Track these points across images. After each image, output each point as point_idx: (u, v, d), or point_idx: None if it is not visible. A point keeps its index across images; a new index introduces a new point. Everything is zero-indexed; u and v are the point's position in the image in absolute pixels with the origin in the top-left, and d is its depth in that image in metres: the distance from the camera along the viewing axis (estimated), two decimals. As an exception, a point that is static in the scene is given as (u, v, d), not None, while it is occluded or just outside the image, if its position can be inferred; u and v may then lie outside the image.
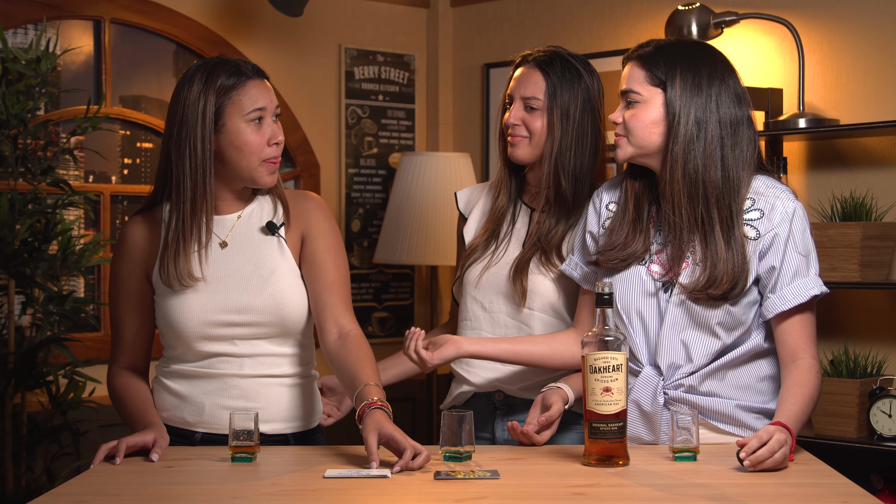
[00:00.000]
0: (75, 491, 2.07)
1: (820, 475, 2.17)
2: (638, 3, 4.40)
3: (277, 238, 2.50)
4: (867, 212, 3.67)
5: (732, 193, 2.36)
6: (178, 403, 2.48)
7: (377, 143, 4.81)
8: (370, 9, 4.80)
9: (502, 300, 2.70)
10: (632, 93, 2.42)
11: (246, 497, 2.01)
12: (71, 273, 3.63)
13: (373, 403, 2.26)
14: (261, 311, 2.45)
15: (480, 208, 2.82)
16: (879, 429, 3.51)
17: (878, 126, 3.62)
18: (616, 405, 2.20)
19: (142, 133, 4.31)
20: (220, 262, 2.47)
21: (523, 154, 2.68)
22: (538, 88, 2.67)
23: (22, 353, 3.52)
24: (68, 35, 4.08)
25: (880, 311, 3.81)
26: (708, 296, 2.34)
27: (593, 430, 2.21)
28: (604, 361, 2.19)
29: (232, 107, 2.41)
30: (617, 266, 2.44)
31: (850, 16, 3.88)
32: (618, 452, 2.21)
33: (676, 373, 2.40)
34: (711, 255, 2.35)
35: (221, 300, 2.44)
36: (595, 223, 2.53)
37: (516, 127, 2.68)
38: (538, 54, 2.70)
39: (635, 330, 2.43)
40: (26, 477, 3.56)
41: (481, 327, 2.71)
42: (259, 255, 2.48)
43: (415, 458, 2.17)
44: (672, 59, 2.40)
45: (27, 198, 3.54)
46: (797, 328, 2.36)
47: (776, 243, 2.35)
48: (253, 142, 2.42)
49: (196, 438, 2.47)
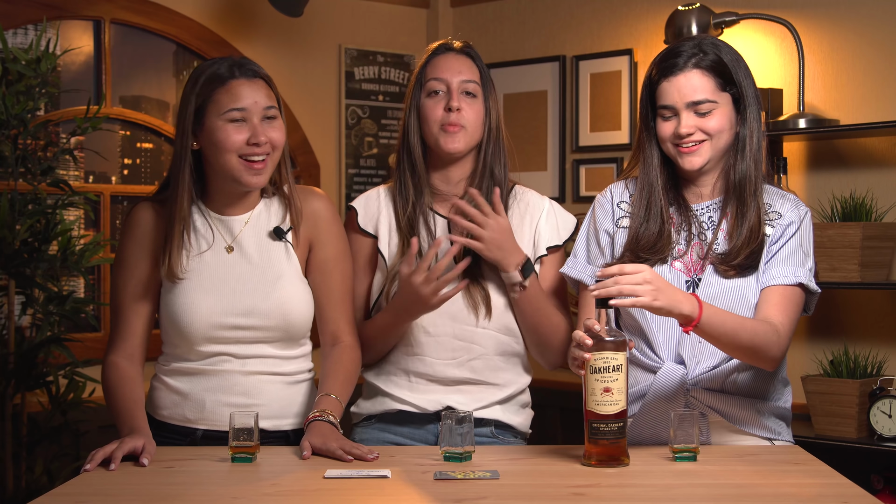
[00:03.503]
0: (75, 491, 2.07)
1: (820, 475, 2.17)
2: (638, 3, 4.40)
3: (285, 243, 2.51)
4: (867, 212, 3.67)
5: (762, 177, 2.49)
6: (179, 401, 2.48)
7: (377, 143, 4.81)
8: (370, 9, 4.80)
9: (449, 322, 2.58)
10: (707, 102, 2.41)
11: (246, 497, 2.01)
12: (71, 273, 3.63)
13: (317, 416, 2.38)
14: (266, 316, 2.46)
15: (386, 222, 2.65)
16: (879, 429, 3.51)
17: (878, 126, 3.62)
18: (616, 405, 2.19)
19: (142, 133, 4.31)
20: (226, 267, 2.47)
21: (462, 144, 2.59)
22: (473, 73, 2.62)
23: (22, 353, 3.52)
24: (68, 35, 4.08)
25: (880, 311, 3.81)
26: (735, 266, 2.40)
27: (593, 431, 2.20)
28: (604, 362, 2.17)
29: (211, 105, 2.41)
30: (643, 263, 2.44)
31: (850, 16, 3.88)
32: (618, 453, 2.20)
33: (698, 367, 2.41)
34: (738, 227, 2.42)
35: (228, 303, 2.44)
36: (609, 221, 2.52)
37: (460, 114, 2.58)
38: (461, 42, 2.66)
39: (658, 325, 2.43)
40: (26, 477, 3.56)
41: (425, 353, 2.59)
42: (266, 260, 2.49)
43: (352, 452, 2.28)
44: (730, 60, 2.43)
45: (27, 198, 3.54)
46: (777, 299, 2.39)
47: (788, 230, 2.44)
48: (226, 139, 2.40)
49: (197, 436, 2.48)
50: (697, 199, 2.49)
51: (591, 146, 4.55)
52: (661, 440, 2.41)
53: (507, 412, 2.63)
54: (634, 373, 2.47)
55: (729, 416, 2.42)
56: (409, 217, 2.62)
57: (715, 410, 2.42)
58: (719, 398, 2.41)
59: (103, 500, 2.03)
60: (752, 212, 2.42)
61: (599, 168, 4.52)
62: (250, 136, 2.40)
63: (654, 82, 2.44)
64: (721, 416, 2.42)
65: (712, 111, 2.40)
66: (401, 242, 2.61)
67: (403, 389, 2.62)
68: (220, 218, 2.50)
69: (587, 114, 4.56)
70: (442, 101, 2.60)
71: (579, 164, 4.58)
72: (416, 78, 2.66)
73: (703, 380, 2.41)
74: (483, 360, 2.59)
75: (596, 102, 4.53)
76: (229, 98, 2.41)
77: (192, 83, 2.44)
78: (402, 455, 2.35)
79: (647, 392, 2.42)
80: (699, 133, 2.40)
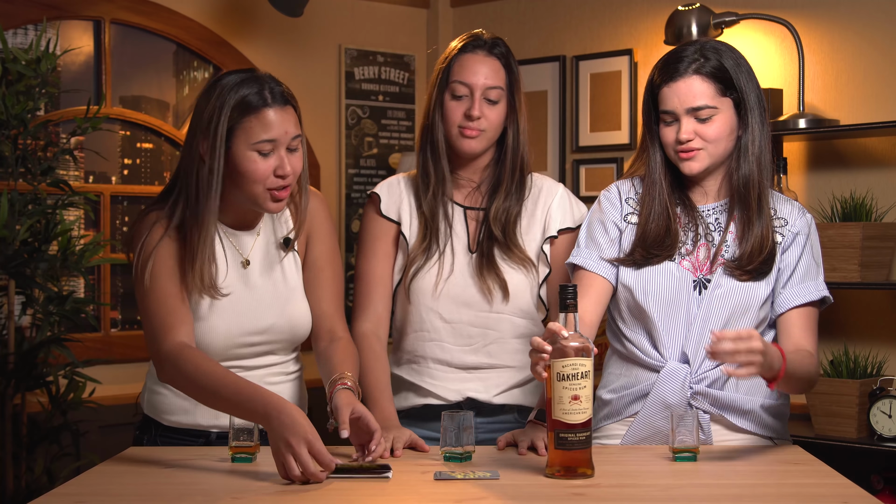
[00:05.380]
0: (75, 491, 2.07)
1: (820, 475, 2.17)
2: (638, 3, 4.40)
3: (293, 253, 2.51)
4: (867, 212, 3.67)
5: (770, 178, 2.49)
6: (190, 408, 2.46)
7: (377, 143, 4.81)
8: (370, 9, 4.80)
9: (464, 309, 2.63)
10: (707, 108, 2.40)
11: (246, 497, 2.01)
12: (71, 273, 3.63)
13: (343, 382, 2.32)
14: (280, 332, 2.48)
15: (407, 208, 2.69)
16: (879, 429, 3.51)
17: (878, 126, 3.62)
18: (584, 414, 2.09)
19: (142, 133, 4.31)
20: (243, 282, 2.45)
21: (480, 146, 2.61)
22: (499, 77, 2.61)
23: (22, 353, 3.52)
24: (68, 35, 4.08)
25: (880, 311, 3.81)
26: (750, 271, 2.40)
27: (560, 441, 2.10)
28: (572, 368, 2.08)
29: (241, 132, 2.32)
30: (650, 260, 2.45)
31: (850, 16, 3.88)
32: (584, 463, 2.11)
33: (703, 366, 2.41)
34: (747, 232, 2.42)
35: (247, 322, 2.43)
36: (617, 214, 2.52)
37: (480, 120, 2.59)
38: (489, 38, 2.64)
39: (664, 323, 2.43)
40: (26, 477, 3.56)
41: (442, 339, 2.64)
42: (279, 273, 2.49)
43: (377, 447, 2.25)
44: (731, 66, 2.42)
45: (27, 198, 3.54)
46: (802, 322, 2.42)
47: (797, 241, 2.45)
48: (255, 171, 2.33)
49: (212, 437, 2.48)
50: (703, 199, 2.50)
51: (591, 146, 4.55)
52: (661, 440, 2.42)
53: (528, 394, 2.66)
54: (636, 372, 2.47)
55: (730, 416, 2.42)
56: (430, 204, 2.65)
57: (716, 409, 2.42)
58: (721, 397, 2.41)
59: (103, 500, 2.03)
60: (761, 219, 2.42)
61: (599, 168, 4.52)
62: (277, 166, 2.33)
63: (656, 87, 2.45)
64: (722, 414, 2.42)
65: (712, 117, 2.40)
66: (421, 227, 2.66)
67: (424, 377, 2.66)
68: (232, 233, 2.48)
69: (587, 114, 4.56)
70: (464, 105, 2.60)
71: (579, 165, 4.58)
72: (442, 73, 2.64)
73: (706, 379, 2.41)
74: (499, 345, 2.63)
75: (596, 102, 4.53)
76: (262, 128, 2.31)
77: (220, 100, 2.32)
78: (402, 455, 2.35)
79: (650, 392, 2.42)
80: (698, 140, 2.41)
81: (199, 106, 2.36)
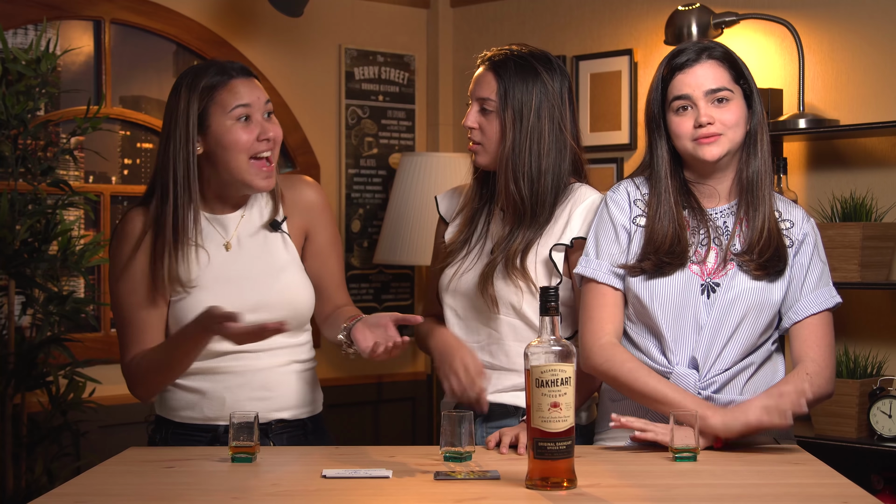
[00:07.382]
0: (75, 491, 2.07)
1: (820, 475, 2.17)
2: (638, 3, 4.40)
3: (282, 234, 2.53)
4: (867, 212, 3.67)
5: None
6: (198, 400, 2.49)
7: (377, 143, 4.81)
8: (370, 9, 4.80)
9: (471, 308, 2.66)
10: (725, 90, 2.42)
11: (246, 497, 2.01)
12: (71, 273, 3.63)
13: (359, 316, 2.43)
14: (274, 308, 2.48)
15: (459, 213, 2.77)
16: (879, 429, 3.51)
17: (878, 126, 3.62)
18: (565, 422, 2.00)
19: (142, 133, 4.31)
20: (227, 264, 2.49)
21: (484, 160, 2.63)
22: (490, 89, 2.60)
23: (22, 353, 3.52)
24: (68, 35, 4.08)
25: (880, 311, 3.81)
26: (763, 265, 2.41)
27: (540, 450, 2.01)
28: (552, 374, 1.99)
29: (215, 107, 2.43)
30: (662, 269, 2.43)
31: (850, 16, 3.88)
32: (565, 473, 2.02)
33: (711, 370, 2.42)
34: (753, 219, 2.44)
35: (235, 301, 2.44)
36: (626, 217, 2.49)
37: (473, 131, 2.62)
38: (493, 54, 2.63)
39: (673, 328, 2.43)
40: (26, 477, 3.56)
41: (456, 334, 2.68)
42: (266, 253, 2.52)
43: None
44: (737, 58, 2.47)
45: (27, 198, 3.54)
46: (821, 331, 2.45)
47: (807, 244, 2.48)
48: (240, 139, 2.43)
49: (220, 431, 2.49)
50: (712, 202, 2.48)
51: (592, 146, 4.55)
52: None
53: None
54: None
55: None
56: (474, 208, 2.70)
57: None
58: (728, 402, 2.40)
59: (103, 499, 2.03)
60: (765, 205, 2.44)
61: (599, 168, 4.52)
62: (259, 132, 2.44)
63: (667, 79, 2.45)
64: None
65: (730, 101, 2.41)
66: (461, 225, 2.71)
67: None
68: (214, 217, 2.51)
69: (587, 114, 4.56)
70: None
71: (579, 164, 4.58)
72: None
73: (715, 383, 2.41)
74: (499, 346, 2.64)
75: (596, 102, 4.53)
76: (233, 96, 2.43)
77: (189, 89, 2.43)
78: (402, 455, 2.35)
79: None
80: (718, 124, 2.41)
81: (169, 105, 2.47)
